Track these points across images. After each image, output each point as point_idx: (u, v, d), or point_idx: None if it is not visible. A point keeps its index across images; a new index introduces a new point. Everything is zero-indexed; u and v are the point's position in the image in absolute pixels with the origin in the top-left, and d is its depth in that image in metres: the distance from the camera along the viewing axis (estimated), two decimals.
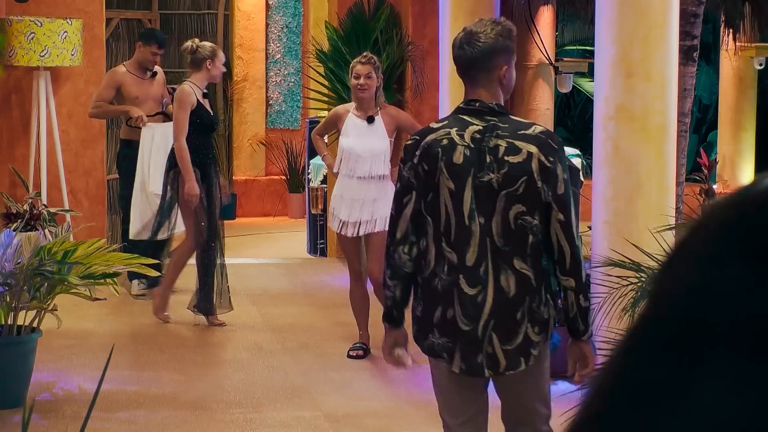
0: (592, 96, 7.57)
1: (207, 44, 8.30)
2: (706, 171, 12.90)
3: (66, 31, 9.64)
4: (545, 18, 11.44)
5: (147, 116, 9.04)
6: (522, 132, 3.94)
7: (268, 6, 15.09)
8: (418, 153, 3.97)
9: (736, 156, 13.56)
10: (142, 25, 14.04)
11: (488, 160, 3.91)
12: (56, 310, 6.49)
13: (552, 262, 3.93)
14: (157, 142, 8.91)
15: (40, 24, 9.62)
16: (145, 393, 6.62)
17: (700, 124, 16.21)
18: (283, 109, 15.15)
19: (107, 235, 10.51)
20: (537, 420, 4.15)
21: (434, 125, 4.09)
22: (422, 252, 3.97)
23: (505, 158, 3.90)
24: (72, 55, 9.74)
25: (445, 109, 10.41)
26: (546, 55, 11.24)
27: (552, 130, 4.20)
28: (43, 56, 9.61)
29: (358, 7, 11.42)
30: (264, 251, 11.79)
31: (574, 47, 15.06)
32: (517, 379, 4.02)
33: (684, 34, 7.79)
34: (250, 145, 14.75)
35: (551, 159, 3.90)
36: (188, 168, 7.89)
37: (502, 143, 3.92)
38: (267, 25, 15.09)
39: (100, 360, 7.23)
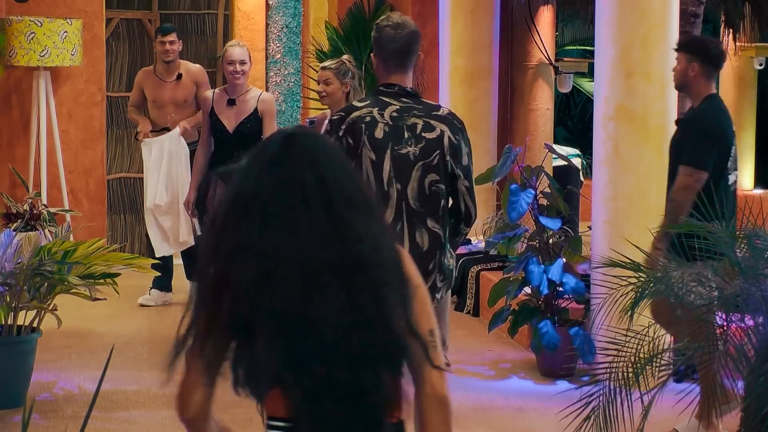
0: (592, 96, 7.57)
1: (228, 44, 7.72)
2: None
3: (66, 31, 9.64)
4: (545, 18, 11.43)
5: (153, 131, 8.73)
6: (434, 113, 4.63)
7: (268, 6, 15.09)
8: (343, 127, 4.57)
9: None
10: (142, 25, 14.02)
11: (406, 135, 4.57)
12: (56, 310, 6.49)
13: (456, 220, 4.66)
14: (154, 157, 8.61)
15: (40, 24, 9.62)
16: (145, 393, 6.62)
17: None
18: (283, 109, 15.15)
19: (107, 235, 10.51)
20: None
21: (357, 104, 4.65)
22: None
23: (422, 134, 4.57)
24: (72, 55, 9.73)
25: None
26: (546, 55, 11.24)
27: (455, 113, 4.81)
28: (43, 56, 9.61)
29: (358, 7, 11.42)
30: None
31: (574, 47, 15.05)
32: None
33: (684, 34, 7.79)
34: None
35: (457, 137, 4.60)
36: (193, 175, 7.73)
37: (419, 122, 4.58)
38: (267, 25, 15.08)
39: (100, 360, 7.22)
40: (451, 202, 4.70)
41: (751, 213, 4.19)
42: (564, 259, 7.06)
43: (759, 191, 13.30)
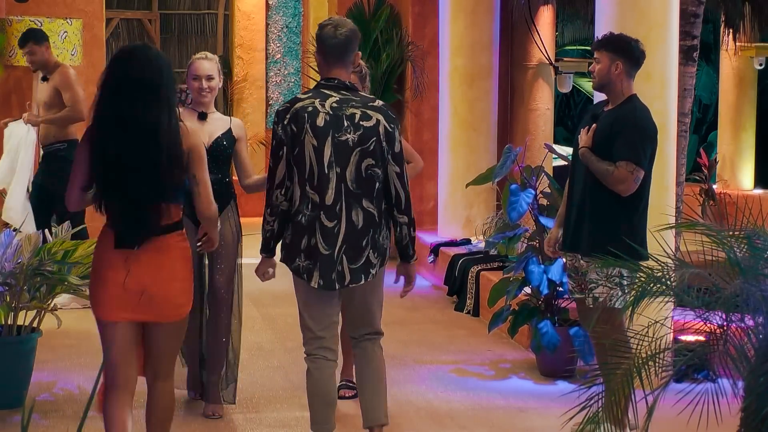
0: (592, 96, 7.57)
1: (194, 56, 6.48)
2: (706, 171, 12.91)
3: (66, 31, 9.64)
4: (545, 18, 11.44)
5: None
6: (370, 104, 5.09)
7: (268, 6, 15.09)
8: (288, 116, 5.02)
9: (736, 156, 13.55)
10: (142, 25, 14.02)
11: (345, 124, 5.02)
12: (56, 309, 6.49)
13: (390, 205, 5.10)
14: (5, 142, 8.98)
15: (40, 24, 9.62)
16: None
17: (700, 124, 16.21)
18: None
19: None
20: (374, 320, 5.25)
21: (301, 96, 5.11)
22: (290, 194, 5.04)
23: (361, 123, 5.03)
24: (72, 55, 9.73)
25: (445, 108, 10.42)
26: (546, 55, 11.24)
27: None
28: None
29: (358, 7, 11.43)
30: None
31: (574, 47, 15.06)
32: (359, 289, 5.14)
33: (684, 34, 7.79)
34: (250, 145, 14.74)
35: (392, 126, 5.07)
36: None
37: (357, 112, 5.04)
38: (267, 25, 15.10)
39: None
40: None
41: (751, 213, 4.19)
42: (564, 259, 7.06)
43: (759, 191, 13.31)
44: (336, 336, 5.21)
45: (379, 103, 5.14)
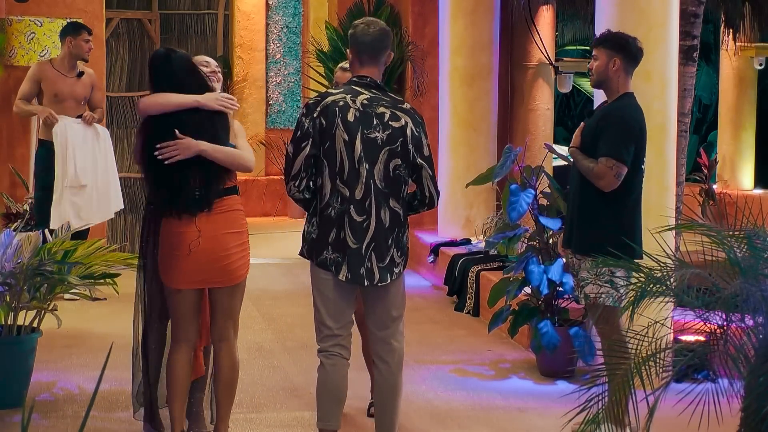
0: (592, 96, 7.57)
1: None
2: (706, 171, 12.91)
3: None
4: (545, 18, 11.43)
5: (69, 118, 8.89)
6: (399, 106, 5.15)
7: (268, 6, 15.09)
8: (318, 109, 5.06)
9: (736, 156, 13.54)
10: (142, 25, 14.01)
11: (375, 122, 5.06)
12: (56, 310, 6.49)
13: (420, 203, 5.18)
14: (74, 136, 8.86)
15: (40, 24, 9.62)
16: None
17: (700, 124, 16.21)
18: (283, 109, 15.16)
19: (107, 235, 10.51)
20: (399, 319, 5.23)
21: (332, 91, 5.18)
22: (319, 187, 5.08)
23: (390, 123, 5.08)
24: None
25: (445, 108, 10.41)
26: (546, 55, 11.24)
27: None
28: (43, 56, 9.61)
29: (358, 7, 11.43)
30: (264, 251, 11.77)
31: (574, 47, 15.05)
32: (384, 288, 5.15)
33: (684, 34, 7.79)
34: (249, 145, 14.75)
35: (418, 129, 5.11)
36: None
37: (387, 111, 5.09)
38: (267, 25, 15.09)
39: (100, 360, 7.22)
40: (414, 187, 5.21)
41: (751, 213, 4.19)
42: (564, 259, 7.06)
43: (759, 191, 13.31)
44: (351, 335, 5.22)
45: (407, 105, 5.18)
